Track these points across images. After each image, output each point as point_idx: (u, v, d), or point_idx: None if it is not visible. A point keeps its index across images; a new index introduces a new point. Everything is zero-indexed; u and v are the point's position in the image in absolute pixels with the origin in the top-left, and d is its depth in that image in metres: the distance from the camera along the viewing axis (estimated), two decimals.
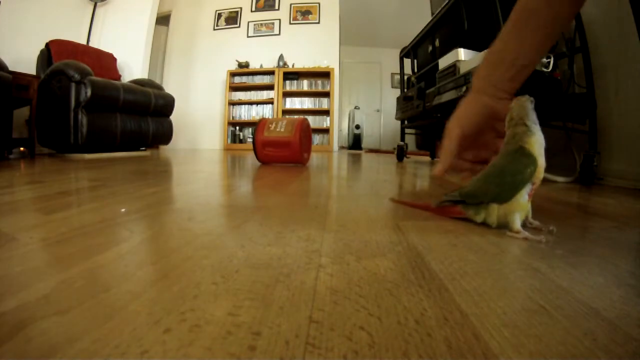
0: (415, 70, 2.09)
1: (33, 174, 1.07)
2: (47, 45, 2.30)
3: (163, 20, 4.19)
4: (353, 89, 5.90)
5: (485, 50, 0.52)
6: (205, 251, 0.33)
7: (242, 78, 4.12)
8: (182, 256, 0.31)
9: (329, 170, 1.41)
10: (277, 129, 1.47)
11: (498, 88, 0.48)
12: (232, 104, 4.11)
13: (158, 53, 4.12)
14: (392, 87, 5.81)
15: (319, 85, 3.98)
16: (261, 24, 4.19)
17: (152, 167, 1.39)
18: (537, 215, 0.53)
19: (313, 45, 4.05)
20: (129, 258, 0.31)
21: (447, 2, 1.52)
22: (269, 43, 4.14)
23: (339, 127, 4.68)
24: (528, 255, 0.33)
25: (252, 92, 4.10)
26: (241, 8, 4.23)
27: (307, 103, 4.06)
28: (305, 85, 3.99)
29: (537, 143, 0.39)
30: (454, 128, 0.49)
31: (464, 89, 1.29)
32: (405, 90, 2.17)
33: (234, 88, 4.11)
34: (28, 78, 1.94)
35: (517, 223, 0.39)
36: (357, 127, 5.18)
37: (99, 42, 2.98)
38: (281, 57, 4.01)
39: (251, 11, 4.23)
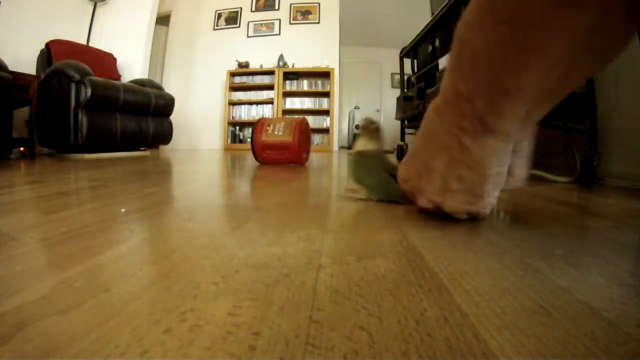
0: (415, 70, 2.09)
1: (33, 174, 1.07)
2: (47, 45, 2.30)
3: (163, 20, 4.19)
4: (353, 89, 5.90)
5: None
6: (205, 251, 0.33)
7: (242, 78, 4.11)
8: (182, 256, 0.31)
9: (329, 170, 1.41)
10: (276, 132, 1.46)
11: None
12: (232, 104, 4.10)
13: (158, 53, 4.12)
14: (392, 87, 5.81)
15: (319, 85, 3.97)
16: (261, 24, 4.19)
17: (152, 167, 1.39)
18: (536, 215, 0.53)
19: (313, 45, 4.05)
20: (129, 258, 0.31)
21: (447, 2, 1.52)
22: (269, 43, 4.14)
23: (339, 127, 4.68)
24: (528, 255, 0.33)
25: (252, 92, 4.10)
26: (241, 8, 4.23)
27: (307, 103, 4.06)
28: (305, 85, 3.99)
29: None
30: None
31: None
32: (405, 90, 2.17)
33: (234, 88, 4.11)
34: (28, 78, 1.94)
35: None
36: (357, 127, 5.17)
37: (99, 42, 2.98)
38: (281, 57, 4.01)
39: (251, 11, 4.23)
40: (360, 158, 0.61)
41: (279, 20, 4.15)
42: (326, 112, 3.98)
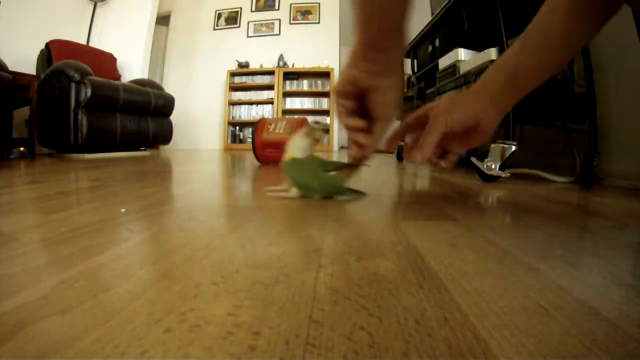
0: (415, 70, 2.09)
1: (33, 174, 1.07)
2: (47, 45, 2.30)
3: (163, 20, 4.20)
4: None
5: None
6: (205, 251, 0.33)
7: (242, 78, 4.12)
8: (182, 256, 0.31)
9: None
10: (277, 130, 1.48)
11: (492, 97, 0.47)
12: (232, 104, 4.11)
13: (158, 53, 4.12)
14: None
15: (319, 85, 3.98)
16: (261, 24, 4.19)
17: (152, 167, 1.39)
18: (536, 215, 0.53)
19: (313, 45, 4.05)
20: (129, 258, 0.31)
21: (447, 2, 1.52)
22: (269, 43, 4.14)
23: (339, 127, 4.67)
24: (528, 255, 0.33)
25: (252, 92, 4.10)
26: (241, 8, 4.23)
27: (307, 103, 4.06)
28: (305, 85, 3.99)
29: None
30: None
31: (463, 89, 1.29)
32: (405, 90, 2.17)
33: (234, 88, 4.11)
34: (28, 78, 1.94)
35: None
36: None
37: (99, 42, 2.98)
38: (281, 57, 4.01)
39: (251, 11, 4.23)
40: (293, 161, 0.62)
41: (279, 20, 4.16)
42: (326, 112, 3.98)
